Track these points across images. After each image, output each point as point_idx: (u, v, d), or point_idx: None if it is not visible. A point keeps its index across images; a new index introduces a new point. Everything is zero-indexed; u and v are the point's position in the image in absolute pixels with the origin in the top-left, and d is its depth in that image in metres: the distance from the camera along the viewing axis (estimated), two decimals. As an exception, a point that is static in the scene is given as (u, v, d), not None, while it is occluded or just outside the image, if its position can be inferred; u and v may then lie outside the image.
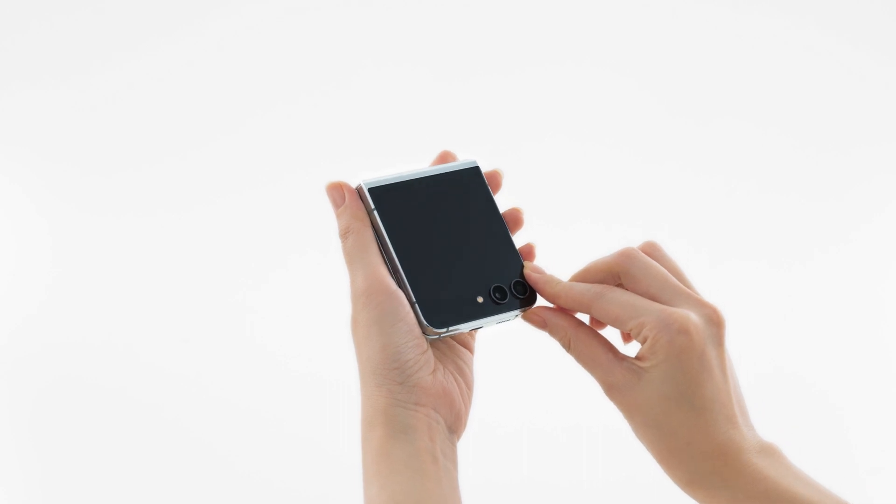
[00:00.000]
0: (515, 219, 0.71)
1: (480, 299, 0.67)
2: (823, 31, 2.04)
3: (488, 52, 2.04)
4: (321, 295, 1.85)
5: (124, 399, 1.88)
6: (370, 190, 0.67)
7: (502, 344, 1.20)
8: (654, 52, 2.04)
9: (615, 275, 0.66)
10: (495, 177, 0.72)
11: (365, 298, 0.64)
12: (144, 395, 1.88)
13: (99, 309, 1.93)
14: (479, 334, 0.71)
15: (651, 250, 0.68)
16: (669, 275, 0.66)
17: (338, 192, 0.68)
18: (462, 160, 0.72)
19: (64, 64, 2.00)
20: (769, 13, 2.04)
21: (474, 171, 0.71)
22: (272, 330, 1.94)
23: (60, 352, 1.91)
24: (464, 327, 0.66)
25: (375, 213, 0.67)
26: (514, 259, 0.70)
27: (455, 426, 0.65)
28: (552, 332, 0.67)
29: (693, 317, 0.62)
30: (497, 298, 0.68)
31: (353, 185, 0.69)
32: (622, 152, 2.01)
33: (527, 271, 0.68)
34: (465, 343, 0.70)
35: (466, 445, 0.69)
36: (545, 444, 1.84)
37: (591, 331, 0.67)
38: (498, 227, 0.70)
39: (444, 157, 0.72)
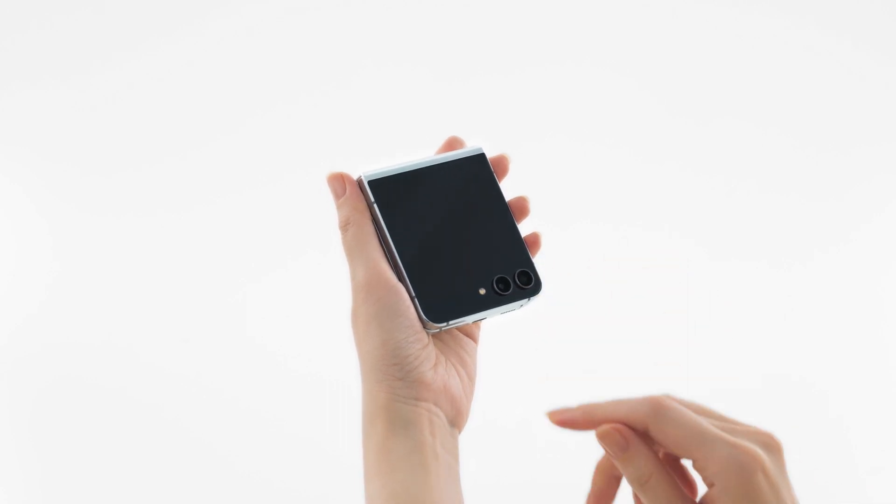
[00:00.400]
0: (521, 207, 0.69)
1: (482, 291, 0.66)
2: (823, 31, 2.04)
3: (488, 52, 2.04)
4: (321, 295, 1.85)
5: (124, 399, 1.88)
6: (370, 182, 0.67)
7: (507, 337, 1.20)
8: (654, 52, 2.04)
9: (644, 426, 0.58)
10: (502, 162, 0.70)
11: (365, 293, 0.63)
12: (144, 395, 1.88)
13: (99, 309, 1.93)
14: (485, 324, 0.70)
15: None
16: (707, 413, 0.59)
17: (338, 182, 0.67)
18: (468, 147, 0.71)
19: (64, 64, 2.00)
20: (769, 13, 2.04)
21: (479, 159, 0.70)
22: (272, 330, 1.94)
23: (60, 352, 1.90)
24: (464, 320, 0.66)
25: (375, 206, 0.66)
26: (519, 249, 0.68)
27: (456, 420, 0.64)
28: (628, 462, 0.58)
29: (760, 452, 0.56)
30: (500, 290, 0.67)
31: (355, 176, 0.68)
32: (622, 152, 2.01)
33: (554, 420, 0.60)
34: (469, 333, 0.69)
35: (468, 440, 0.69)
36: (548, 439, 1.84)
37: (667, 469, 0.59)
38: (502, 216, 0.69)
39: (452, 142, 0.71)
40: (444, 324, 0.65)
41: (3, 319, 1.92)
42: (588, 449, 2.02)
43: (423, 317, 0.64)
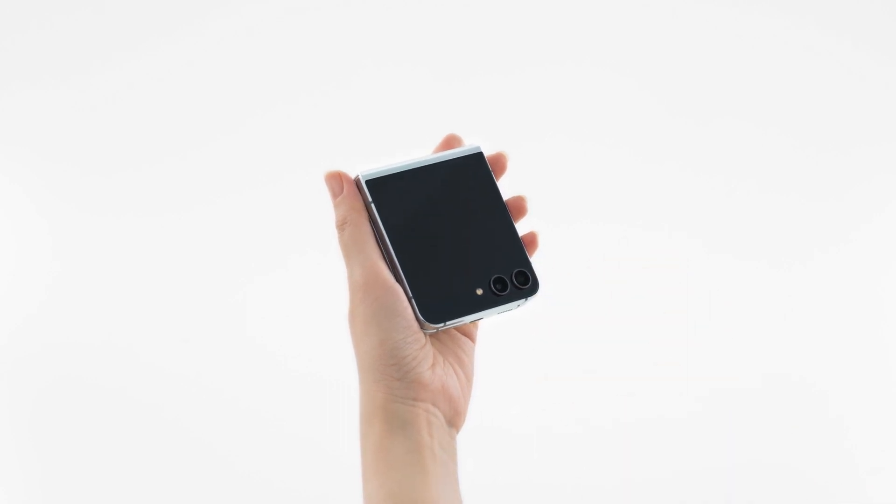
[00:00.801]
0: (519, 207, 0.69)
1: (480, 291, 0.66)
2: (823, 31, 2.04)
3: (488, 52, 2.04)
4: (321, 294, 1.85)
5: (124, 399, 1.88)
6: (367, 181, 0.67)
7: (506, 336, 1.20)
8: (654, 52, 2.04)
9: None
10: (500, 160, 0.70)
11: (362, 293, 0.63)
12: (144, 395, 1.88)
13: (99, 309, 1.93)
14: (483, 324, 0.70)
15: None
16: None
17: (336, 181, 0.67)
18: (466, 146, 0.70)
19: (64, 64, 2.00)
20: (769, 13, 2.04)
21: (477, 157, 0.70)
22: (272, 330, 1.94)
23: (60, 352, 1.90)
24: (461, 321, 0.66)
25: (372, 205, 0.66)
26: (517, 248, 0.68)
27: (454, 420, 0.64)
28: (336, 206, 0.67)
29: None
30: (497, 290, 0.67)
31: (352, 175, 0.68)
32: (622, 152, 2.01)
33: None
34: (467, 332, 0.69)
35: (467, 439, 0.69)
36: (547, 440, 1.84)
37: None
38: (500, 215, 0.68)
39: (449, 141, 0.71)
40: (441, 324, 0.64)
41: (3, 319, 1.92)
42: (586, 449, 2.01)
43: (420, 317, 0.64)
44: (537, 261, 0.70)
